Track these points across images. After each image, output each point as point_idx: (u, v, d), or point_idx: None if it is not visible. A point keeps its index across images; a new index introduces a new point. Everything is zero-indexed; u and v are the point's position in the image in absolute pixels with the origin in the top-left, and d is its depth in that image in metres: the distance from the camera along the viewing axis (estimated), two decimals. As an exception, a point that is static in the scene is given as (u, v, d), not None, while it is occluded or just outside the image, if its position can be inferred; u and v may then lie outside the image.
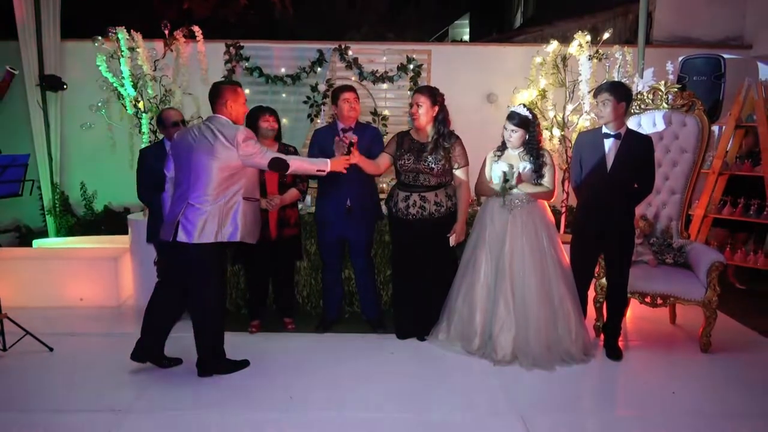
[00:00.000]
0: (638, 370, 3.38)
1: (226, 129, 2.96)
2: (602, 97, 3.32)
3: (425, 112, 3.41)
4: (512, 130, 3.39)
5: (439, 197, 3.46)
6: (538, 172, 3.41)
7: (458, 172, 3.51)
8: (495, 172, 3.47)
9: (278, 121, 3.66)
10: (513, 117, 3.40)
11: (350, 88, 3.67)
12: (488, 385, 3.09)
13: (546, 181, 3.44)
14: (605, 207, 3.36)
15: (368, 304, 3.81)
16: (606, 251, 3.51)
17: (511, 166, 3.36)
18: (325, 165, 3.12)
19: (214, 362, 3.11)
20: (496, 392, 3.01)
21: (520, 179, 3.38)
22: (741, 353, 3.57)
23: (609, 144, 3.36)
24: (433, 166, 3.41)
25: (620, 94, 3.30)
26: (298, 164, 3.10)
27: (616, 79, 3.80)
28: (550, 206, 3.63)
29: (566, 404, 2.96)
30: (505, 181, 3.36)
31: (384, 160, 3.53)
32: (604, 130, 3.39)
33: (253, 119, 3.57)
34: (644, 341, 3.75)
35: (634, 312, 4.12)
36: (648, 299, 3.65)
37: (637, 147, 3.33)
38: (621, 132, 3.34)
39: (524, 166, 3.41)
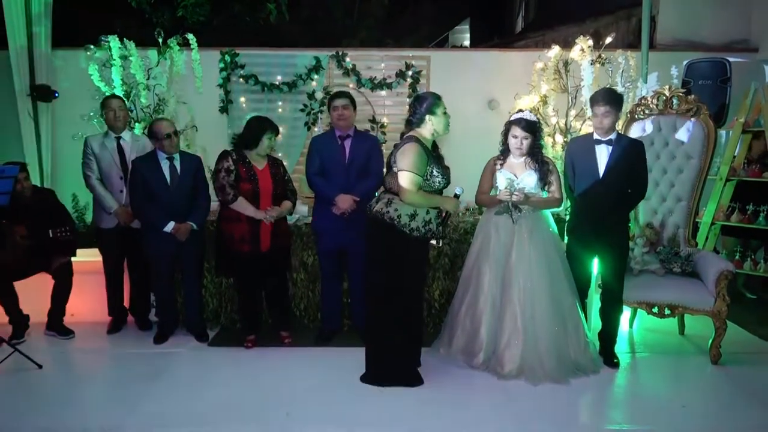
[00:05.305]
0: (646, 382, 3.36)
1: None
2: (603, 109, 3.32)
3: None
4: (524, 138, 3.36)
5: None
6: (544, 179, 3.41)
7: None
8: (500, 182, 3.44)
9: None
10: (520, 122, 3.36)
11: (343, 95, 3.70)
12: (492, 399, 3.07)
13: (554, 189, 3.45)
14: (598, 213, 3.37)
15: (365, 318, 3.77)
16: (600, 257, 3.52)
17: (512, 185, 3.35)
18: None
19: None
20: (501, 406, 2.99)
21: (525, 197, 3.33)
22: (753, 365, 3.55)
23: (601, 150, 3.39)
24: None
25: (620, 104, 3.34)
26: None
27: (611, 87, 3.76)
28: (554, 215, 3.63)
29: (573, 417, 2.96)
30: (516, 209, 3.35)
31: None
32: (596, 136, 3.43)
33: (258, 132, 3.52)
34: (652, 353, 3.73)
35: (642, 323, 4.11)
36: (656, 309, 3.63)
37: (629, 151, 3.37)
38: (612, 138, 3.37)
39: (530, 174, 3.40)
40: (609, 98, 3.34)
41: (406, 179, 3.00)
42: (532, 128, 3.37)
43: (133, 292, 4.11)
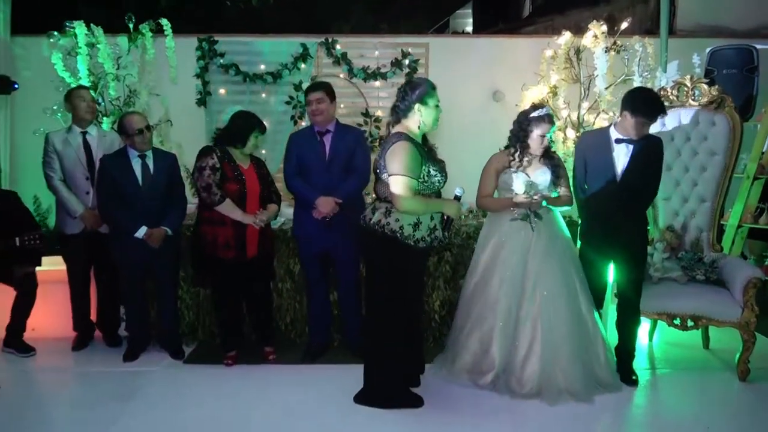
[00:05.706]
0: (668, 401, 3.37)
1: None
2: (651, 122, 3.30)
3: None
4: (548, 136, 3.35)
5: None
6: (555, 175, 3.41)
7: None
8: (516, 186, 3.38)
9: None
10: (544, 118, 3.32)
11: (317, 88, 3.67)
12: (501, 421, 3.05)
13: (565, 185, 3.45)
14: (614, 217, 3.36)
15: (356, 331, 3.74)
16: (616, 263, 3.51)
17: (532, 188, 3.32)
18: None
19: None
20: (510, 429, 2.97)
21: (546, 198, 3.31)
22: (784, 381, 3.55)
23: (620, 149, 3.37)
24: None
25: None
26: None
27: (652, 91, 3.65)
28: (566, 217, 3.62)
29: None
30: (535, 215, 3.34)
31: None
32: (616, 134, 3.40)
33: (246, 130, 3.51)
34: (674, 369, 3.73)
35: (663, 336, 4.10)
36: (677, 321, 3.62)
37: (649, 150, 3.36)
38: (633, 136, 3.35)
39: (543, 173, 3.39)
40: (659, 113, 3.29)
41: (399, 184, 2.86)
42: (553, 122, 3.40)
43: (101, 305, 4.07)
